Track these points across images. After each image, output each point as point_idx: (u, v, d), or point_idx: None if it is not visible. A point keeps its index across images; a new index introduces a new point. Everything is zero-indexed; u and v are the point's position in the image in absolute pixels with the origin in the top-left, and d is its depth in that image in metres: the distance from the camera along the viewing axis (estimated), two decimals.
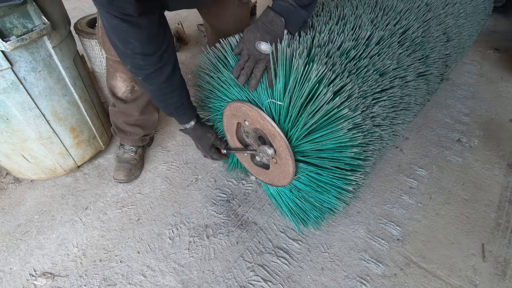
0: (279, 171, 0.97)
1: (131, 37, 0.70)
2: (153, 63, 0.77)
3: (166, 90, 0.85)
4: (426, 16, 1.09)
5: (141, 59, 0.76)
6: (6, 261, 1.07)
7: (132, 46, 0.72)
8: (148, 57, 0.76)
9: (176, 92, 0.88)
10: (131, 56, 0.75)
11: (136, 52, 0.73)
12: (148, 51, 0.75)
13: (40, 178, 1.31)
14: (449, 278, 1.04)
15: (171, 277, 1.03)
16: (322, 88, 0.74)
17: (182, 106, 0.93)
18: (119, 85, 1.14)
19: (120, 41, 0.72)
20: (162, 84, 0.83)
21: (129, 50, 0.73)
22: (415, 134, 1.57)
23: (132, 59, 0.76)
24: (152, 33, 0.73)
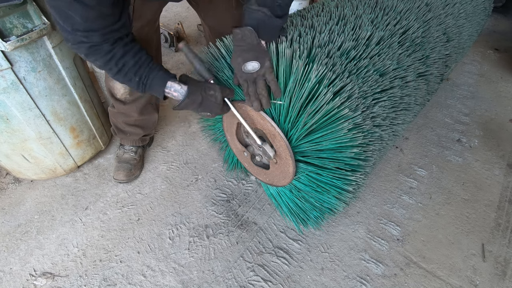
0: (279, 171, 0.97)
1: (76, 13, 0.63)
2: (95, 40, 0.69)
3: (116, 56, 0.75)
4: (426, 16, 1.09)
5: (82, 36, 0.68)
6: (6, 261, 1.07)
7: (72, 20, 0.64)
8: (89, 33, 0.68)
9: (127, 56, 0.76)
10: (71, 33, 0.67)
11: (76, 28, 0.66)
12: (90, 28, 0.67)
13: (40, 178, 1.31)
14: (449, 278, 1.04)
15: (171, 277, 1.03)
16: (322, 89, 0.74)
17: (144, 66, 0.79)
18: (118, 87, 1.14)
19: (62, 16, 0.64)
20: (107, 53, 0.73)
21: (69, 25, 0.65)
22: (415, 134, 1.57)
23: (71, 35, 0.68)
24: (101, 12, 0.65)
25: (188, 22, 2.59)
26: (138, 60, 0.78)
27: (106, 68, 0.77)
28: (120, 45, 0.75)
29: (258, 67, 0.75)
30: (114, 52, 0.74)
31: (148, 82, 0.81)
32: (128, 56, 0.77)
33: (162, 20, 2.65)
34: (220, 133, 1.18)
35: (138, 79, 0.80)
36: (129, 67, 0.77)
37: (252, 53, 0.74)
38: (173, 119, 1.65)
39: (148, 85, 0.81)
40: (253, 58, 0.74)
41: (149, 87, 0.82)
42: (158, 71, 0.81)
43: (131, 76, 0.79)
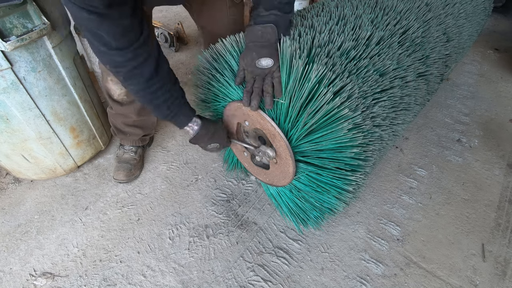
0: (279, 171, 0.97)
1: (101, 30, 0.65)
2: (130, 58, 0.72)
3: (152, 88, 0.78)
4: (426, 16, 1.09)
5: (117, 55, 0.70)
6: (6, 261, 1.07)
7: (103, 41, 0.67)
8: (122, 51, 0.70)
9: (164, 88, 0.80)
10: (105, 52, 0.70)
11: (109, 47, 0.69)
12: (121, 45, 0.69)
13: (40, 178, 1.31)
14: (449, 278, 1.04)
15: (171, 277, 1.03)
16: (322, 89, 0.74)
17: (175, 103, 0.84)
18: (113, 88, 1.14)
19: (92, 36, 0.67)
20: (146, 82, 0.76)
21: (102, 45, 0.68)
22: (415, 134, 1.57)
23: (107, 56, 0.71)
24: (124, 26, 0.67)
25: (188, 22, 2.59)
26: (172, 95, 0.82)
27: (139, 95, 0.80)
28: (160, 76, 0.78)
29: (272, 64, 0.77)
30: (152, 82, 0.77)
31: (175, 118, 0.86)
32: (164, 89, 0.80)
33: (162, 20, 2.65)
34: None
35: (168, 112, 0.84)
36: (162, 100, 0.81)
37: (268, 50, 0.76)
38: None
39: (174, 119, 0.87)
40: (268, 55, 0.76)
41: (174, 120, 0.87)
42: (185, 108, 0.87)
43: (162, 109, 0.83)
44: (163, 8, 2.81)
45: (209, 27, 1.15)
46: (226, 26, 1.11)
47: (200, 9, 1.09)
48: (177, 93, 0.84)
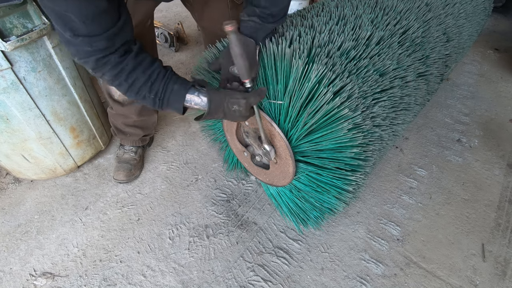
0: (279, 171, 0.97)
1: (71, 11, 0.56)
2: (100, 47, 0.62)
3: (126, 70, 0.68)
4: (426, 16, 1.09)
5: (86, 43, 0.61)
6: (6, 261, 1.07)
7: (71, 25, 0.58)
8: (93, 38, 0.60)
9: (140, 67, 0.70)
10: (72, 41, 0.61)
11: (77, 33, 0.59)
12: (92, 31, 0.60)
13: (40, 178, 1.31)
14: (449, 278, 1.04)
15: (171, 277, 1.03)
16: (322, 88, 0.74)
17: (158, 82, 0.72)
18: (114, 88, 1.14)
19: (58, 20, 0.58)
20: (116, 66, 0.67)
21: (68, 31, 0.58)
22: (415, 134, 1.57)
23: (75, 45, 0.62)
24: (99, 8, 0.58)
25: (188, 22, 2.59)
26: (151, 74, 0.71)
27: (115, 84, 0.71)
28: (129, 57, 0.68)
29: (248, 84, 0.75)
30: (123, 65, 0.68)
31: (165, 98, 0.74)
32: (138, 70, 0.70)
33: (162, 20, 2.66)
34: (220, 133, 1.18)
35: (154, 96, 0.73)
36: (141, 83, 0.71)
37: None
38: (173, 119, 1.65)
39: (165, 102, 0.74)
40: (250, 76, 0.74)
41: (166, 103, 0.75)
42: (173, 84, 0.73)
43: (145, 93, 0.72)
44: (163, 8, 2.82)
45: (210, 27, 1.16)
46: None
47: (202, 9, 1.09)
48: (158, 70, 0.72)
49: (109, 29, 0.62)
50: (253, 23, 0.74)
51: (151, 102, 0.74)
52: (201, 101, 0.75)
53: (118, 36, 0.64)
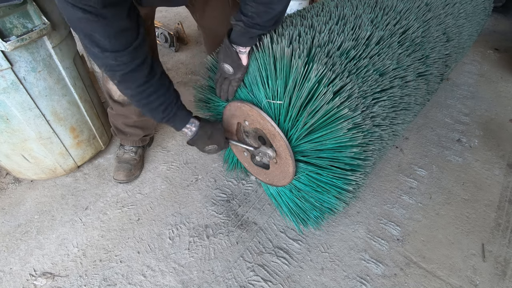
0: (279, 171, 0.97)
1: (96, 31, 0.64)
2: (125, 61, 0.71)
3: (147, 92, 0.79)
4: (426, 16, 1.09)
5: (111, 58, 0.69)
6: (6, 261, 1.07)
7: (98, 43, 0.66)
8: (117, 54, 0.69)
9: (159, 92, 0.82)
10: (100, 55, 0.69)
11: (104, 49, 0.67)
12: (117, 47, 0.68)
13: (40, 178, 1.31)
14: (449, 278, 1.04)
15: (171, 277, 1.03)
16: (321, 88, 0.74)
17: (171, 107, 0.85)
18: (113, 88, 1.14)
19: (86, 38, 0.66)
20: (141, 86, 0.77)
21: (96, 48, 0.67)
22: (415, 134, 1.57)
23: (102, 59, 0.70)
24: (120, 27, 0.66)
25: (188, 22, 2.59)
26: (166, 99, 0.84)
27: (134, 99, 0.81)
28: (154, 80, 0.79)
29: (232, 72, 0.85)
30: (146, 86, 0.78)
31: (171, 120, 0.88)
32: (159, 93, 0.81)
33: (162, 20, 2.66)
34: None
35: (163, 116, 0.86)
36: (157, 104, 0.83)
37: (230, 60, 0.84)
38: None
39: (170, 122, 0.89)
40: (229, 63, 0.84)
41: (170, 123, 0.89)
42: (182, 111, 0.89)
43: (158, 113, 0.85)
44: (163, 8, 2.82)
45: (211, 27, 1.16)
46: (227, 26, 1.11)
47: (203, 9, 1.10)
48: (172, 97, 0.86)
49: (131, 44, 0.70)
50: (239, 27, 0.77)
51: (158, 119, 0.87)
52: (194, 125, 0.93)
53: (138, 50, 0.72)
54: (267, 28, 0.80)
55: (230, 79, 0.88)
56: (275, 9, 0.75)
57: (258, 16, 0.74)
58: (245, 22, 0.75)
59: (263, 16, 0.75)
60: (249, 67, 0.85)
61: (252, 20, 0.75)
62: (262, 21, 0.76)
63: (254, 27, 0.76)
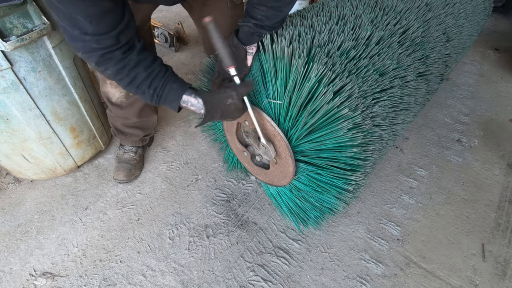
0: (279, 171, 0.97)
1: (77, 12, 0.59)
2: (108, 44, 0.66)
3: (127, 67, 0.72)
4: (426, 16, 1.09)
5: (93, 41, 0.64)
6: (6, 261, 1.07)
7: (79, 24, 0.61)
8: (100, 37, 0.64)
9: (141, 66, 0.73)
10: (79, 38, 0.64)
11: (85, 32, 0.62)
12: (100, 30, 0.63)
13: (40, 178, 1.31)
14: (449, 278, 1.03)
15: (171, 277, 1.03)
16: (322, 88, 0.74)
17: (157, 80, 0.76)
18: (112, 91, 1.14)
19: (66, 21, 0.62)
20: (119, 62, 0.71)
21: (77, 30, 0.62)
22: (415, 134, 1.57)
23: (81, 42, 0.65)
24: (103, 8, 0.61)
25: (188, 22, 2.59)
26: (151, 72, 0.75)
27: (117, 78, 0.74)
28: (133, 54, 0.72)
29: (234, 72, 0.80)
30: (126, 61, 0.71)
31: (163, 95, 0.77)
32: (140, 67, 0.73)
33: (162, 20, 2.66)
34: (220, 133, 1.18)
35: (152, 92, 0.76)
36: (142, 79, 0.74)
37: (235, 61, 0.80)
38: (173, 119, 1.65)
39: (162, 98, 0.78)
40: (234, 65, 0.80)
41: (163, 100, 0.78)
42: (173, 83, 0.77)
43: (144, 88, 0.75)
44: (163, 8, 2.82)
45: None
46: (226, 26, 1.11)
47: (201, 10, 1.10)
48: (158, 69, 0.76)
49: (115, 28, 0.65)
50: (248, 28, 0.78)
51: (149, 97, 0.77)
52: (197, 102, 0.78)
53: (123, 34, 0.68)
54: (276, 29, 0.83)
55: (230, 79, 0.86)
56: (284, 11, 0.78)
57: (268, 19, 0.77)
58: (254, 23, 0.77)
59: (272, 18, 0.78)
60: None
61: (262, 23, 0.77)
62: (271, 23, 0.78)
63: (263, 28, 0.78)
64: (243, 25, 0.79)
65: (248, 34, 0.79)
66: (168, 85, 0.77)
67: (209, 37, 0.68)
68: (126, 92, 1.13)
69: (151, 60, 0.75)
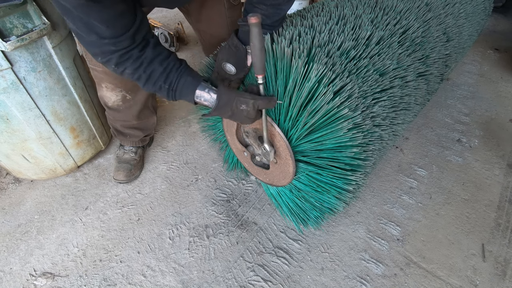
0: (279, 171, 0.97)
1: (93, 17, 0.61)
2: (125, 45, 0.69)
3: (144, 65, 0.74)
4: (426, 16, 1.09)
5: (111, 44, 0.67)
6: (6, 261, 1.07)
7: (96, 30, 0.64)
8: (117, 39, 0.67)
9: (156, 61, 0.75)
10: (97, 43, 0.66)
11: (102, 36, 0.65)
12: (115, 33, 0.66)
13: (40, 178, 1.31)
14: (449, 278, 1.03)
15: (171, 277, 1.03)
16: (322, 88, 0.74)
17: (172, 73, 0.76)
18: (108, 95, 1.13)
19: (82, 27, 0.64)
20: (137, 60, 0.73)
21: (94, 35, 0.65)
22: (415, 134, 1.57)
23: (99, 47, 0.68)
24: (117, 11, 0.64)
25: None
26: (166, 66, 0.76)
27: (135, 77, 0.75)
28: (148, 50, 0.73)
29: (234, 72, 0.83)
30: (142, 58, 0.73)
31: (178, 89, 0.78)
32: (156, 62, 0.75)
33: (162, 20, 2.65)
34: (220, 133, 1.18)
35: (168, 86, 0.77)
36: (158, 74, 0.75)
37: (234, 60, 0.82)
38: (173, 119, 1.65)
39: (177, 92, 0.78)
40: (233, 63, 0.82)
41: (179, 94, 0.79)
42: (187, 77, 0.77)
43: (161, 83, 0.76)
44: (163, 8, 2.81)
45: (207, 29, 1.15)
46: (224, 27, 1.11)
47: (199, 12, 1.09)
48: (173, 63, 0.77)
49: (130, 29, 0.67)
50: (248, 27, 0.76)
51: (165, 93, 0.78)
52: (211, 97, 0.78)
53: (138, 33, 0.70)
54: (276, 28, 0.83)
55: (230, 79, 0.87)
56: (284, 9, 0.78)
57: (267, 17, 0.77)
58: None
59: (272, 17, 0.77)
60: None
61: (262, 22, 0.74)
62: (271, 22, 0.78)
63: (263, 27, 0.77)
64: (243, 24, 0.79)
65: (248, 34, 0.79)
66: (182, 79, 0.77)
67: (251, 37, 0.66)
68: (122, 96, 1.13)
69: (166, 54, 0.76)
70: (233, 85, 0.88)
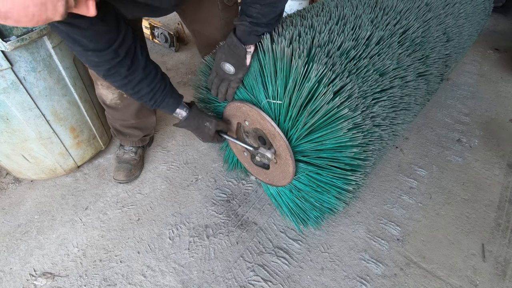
0: (279, 171, 0.97)
1: (76, 33, 0.67)
2: (108, 58, 0.74)
3: (133, 82, 0.82)
4: (426, 16, 1.09)
5: (94, 56, 0.72)
6: (6, 261, 1.07)
7: (80, 42, 0.69)
8: (100, 53, 0.72)
9: (145, 82, 0.84)
10: (83, 53, 0.72)
11: (86, 48, 0.70)
12: (98, 47, 0.71)
13: (40, 178, 1.31)
14: (449, 278, 1.04)
15: (171, 277, 1.03)
16: (322, 88, 0.74)
17: (158, 95, 0.88)
18: (104, 93, 1.13)
19: (68, 39, 0.69)
20: (126, 77, 0.80)
21: (78, 46, 0.70)
22: (415, 134, 1.57)
23: (85, 57, 0.73)
24: (97, 31, 0.69)
25: None
26: (153, 88, 0.86)
27: (122, 89, 0.86)
28: (138, 71, 0.81)
29: (233, 72, 0.84)
30: (131, 77, 0.81)
31: (161, 106, 0.91)
32: (144, 83, 0.84)
33: (162, 20, 2.65)
34: None
35: (153, 103, 0.89)
36: (144, 93, 0.86)
37: (233, 60, 0.83)
38: (173, 120, 1.65)
39: (160, 107, 0.91)
40: (232, 63, 0.83)
41: (161, 108, 0.92)
42: (169, 98, 0.90)
43: (146, 100, 0.88)
44: None
45: (202, 30, 1.15)
46: (218, 28, 1.11)
47: (194, 13, 1.09)
48: (159, 85, 0.87)
49: (112, 44, 0.73)
50: (244, 26, 0.78)
51: (148, 105, 0.90)
52: (186, 114, 0.95)
53: (121, 47, 0.75)
54: (272, 26, 0.83)
55: (229, 79, 0.87)
56: (279, 7, 0.78)
57: (263, 16, 0.77)
58: (250, 22, 0.77)
59: (267, 15, 0.78)
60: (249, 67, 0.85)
61: (257, 20, 0.77)
62: (267, 20, 0.78)
63: (259, 25, 0.78)
64: (239, 24, 0.79)
65: (245, 33, 0.79)
66: (166, 100, 0.90)
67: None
68: (119, 94, 1.13)
69: (154, 74, 0.86)
70: (233, 85, 0.88)
